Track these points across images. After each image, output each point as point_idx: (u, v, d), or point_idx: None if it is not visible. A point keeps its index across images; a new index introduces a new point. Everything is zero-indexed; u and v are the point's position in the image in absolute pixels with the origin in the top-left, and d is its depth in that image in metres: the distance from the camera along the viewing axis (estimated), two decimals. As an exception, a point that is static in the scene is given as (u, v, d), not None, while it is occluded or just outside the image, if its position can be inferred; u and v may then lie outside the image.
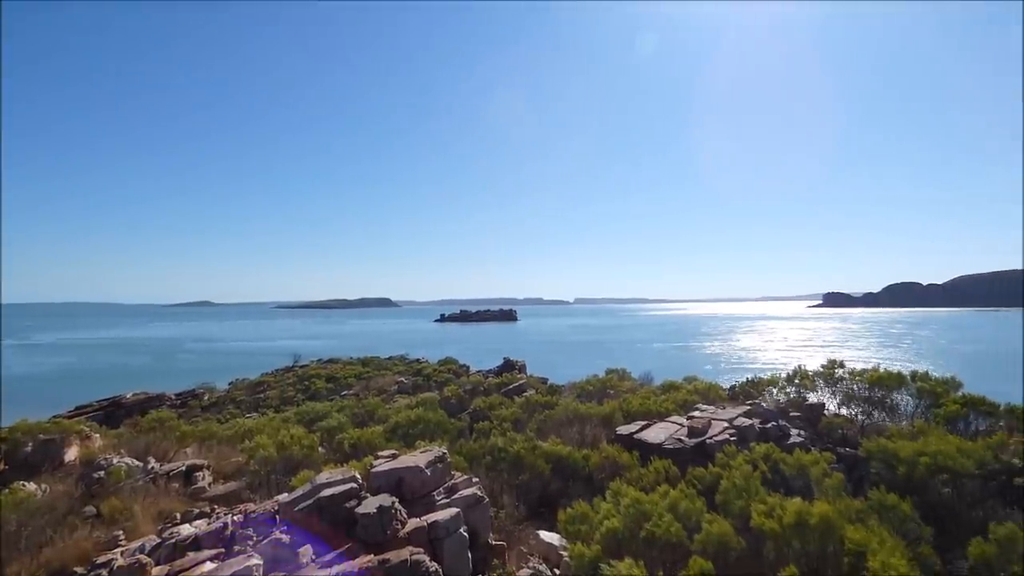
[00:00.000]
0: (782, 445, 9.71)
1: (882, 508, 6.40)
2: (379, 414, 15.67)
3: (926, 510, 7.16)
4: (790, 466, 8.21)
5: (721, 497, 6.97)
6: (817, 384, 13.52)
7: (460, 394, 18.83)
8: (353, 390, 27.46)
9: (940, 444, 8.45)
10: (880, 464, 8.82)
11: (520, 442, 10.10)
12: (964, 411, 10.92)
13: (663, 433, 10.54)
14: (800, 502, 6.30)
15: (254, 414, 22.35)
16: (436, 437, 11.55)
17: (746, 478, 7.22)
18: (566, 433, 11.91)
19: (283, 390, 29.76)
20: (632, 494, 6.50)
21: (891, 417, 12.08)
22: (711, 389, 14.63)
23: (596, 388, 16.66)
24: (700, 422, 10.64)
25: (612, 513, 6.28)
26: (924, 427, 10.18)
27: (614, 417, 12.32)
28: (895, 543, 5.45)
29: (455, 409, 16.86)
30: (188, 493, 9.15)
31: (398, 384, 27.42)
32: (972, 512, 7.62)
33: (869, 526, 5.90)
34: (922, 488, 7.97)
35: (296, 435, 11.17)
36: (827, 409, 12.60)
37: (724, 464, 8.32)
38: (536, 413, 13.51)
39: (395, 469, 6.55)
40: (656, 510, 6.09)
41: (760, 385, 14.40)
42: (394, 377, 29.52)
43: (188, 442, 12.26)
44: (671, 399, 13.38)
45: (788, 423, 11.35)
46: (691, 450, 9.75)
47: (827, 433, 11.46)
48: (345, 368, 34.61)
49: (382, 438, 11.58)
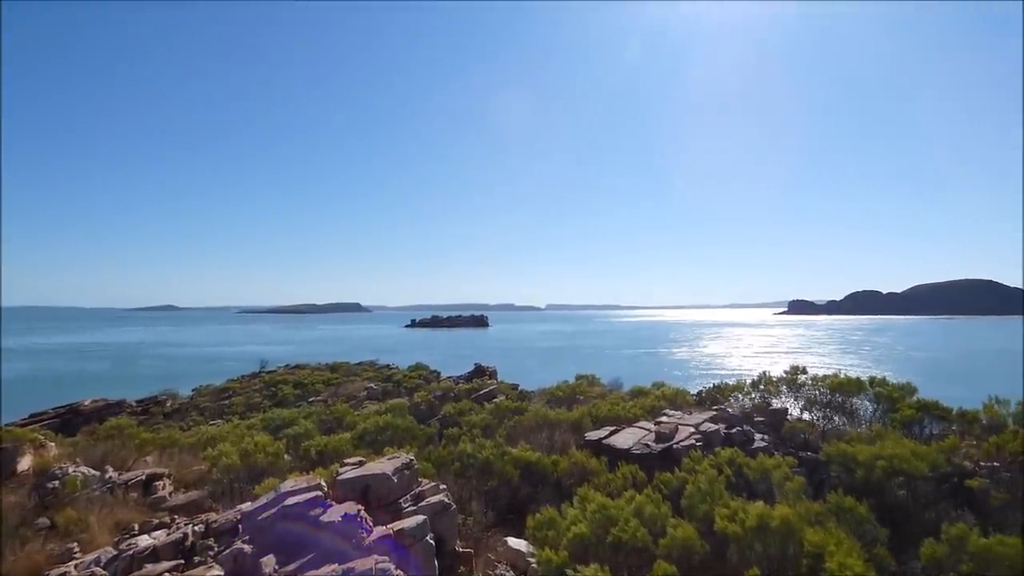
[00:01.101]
0: (746, 450, 9.90)
1: (840, 510, 6.57)
2: (347, 421, 15.47)
3: (882, 512, 7.38)
4: (754, 470, 8.38)
5: (686, 501, 7.08)
6: (781, 390, 13.84)
7: (430, 400, 18.71)
8: (321, 396, 27.05)
9: (896, 448, 8.72)
10: (839, 468, 9.05)
11: (489, 448, 10.08)
12: (919, 415, 11.30)
13: (631, 438, 10.64)
14: (762, 505, 6.43)
15: (218, 421, 21.82)
16: (405, 444, 11.45)
17: (711, 482, 7.35)
18: (535, 439, 11.93)
19: (249, 396, 29.14)
20: (599, 499, 6.55)
21: (850, 422, 12.42)
22: (678, 395, 14.84)
23: (566, 394, 16.73)
24: (667, 427, 10.77)
25: (579, 519, 6.32)
26: (881, 431, 10.50)
27: (583, 423, 12.39)
28: (852, 544, 5.61)
29: (425, 415, 16.74)
30: (147, 503, 8.89)
31: (367, 390, 27.10)
32: (926, 513, 7.86)
33: (828, 528, 6.05)
34: (879, 491, 8.20)
35: (261, 442, 10.96)
36: (790, 414, 12.88)
37: (690, 469, 8.45)
38: (506, 419, 13.51)
39: (362, 476, 6.48)
40: (622, 515, 6.15)
41: (726, 391, 14.65)
42: (363, 383, 29.17)
43: (148, 450, 11.92)
44: (639, 405, 13.51)
45: (752, 428, 11.57)
46: (658, 455, 9.87)
47: (790, 438, 11.71)
48: (313, 374, 34.06)
49: (350, 445, 11.44)
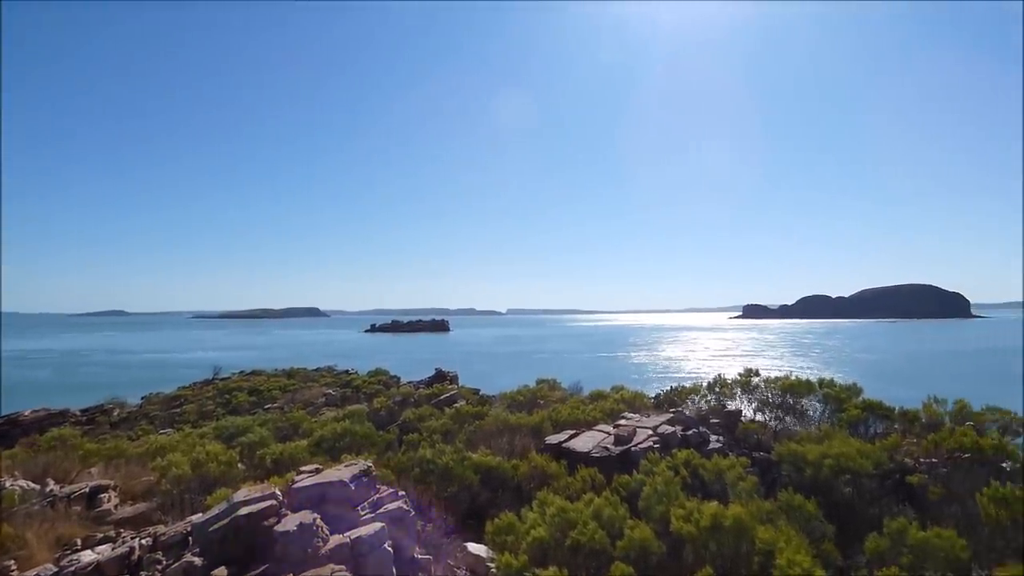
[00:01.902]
0: (702, 451, 10.14)
1: (790, 508, 6.80)
2: (304, 427, 15.17)
3: (830, 509, 7.67)
4: (709, 471, 8.59)
5: (643, 503, 7.20)
6: (735, 392, 14.22)
7: (390, 406, 18.51)
8: (277, 403, 26.44)
9: (843, 447, 9.07)
10: (790, 467, 9.36)
11: (449, 454, 10.04)
12: (864, 415, 11.79)
13: (590, 442, 10.75)
14: (716, 505, 6.60)
15: (169, 430, 21.09)
16: (363, 450, 11.30)
17: (667, 484, 7.49)
18: (496, 443, 11.93)
19: (202, 404, 28.26)
20: (558, 503, 6.60)
21: (801, 422, 12.84)
22: (637, 398, 15.07)
23: (527, 398, 16.79)
24: (626, 430, 10.93)
25: (538, 522, 6.36)
26: (829, 431, 10.91)
27: (543, 427, 12.46)
28: (801, 541, 5.81)
29: (384, 421, 16.55)
30: (91, 517, 8.51)
31: (325, 396, 26.61)
32: (870, 509, 8.20)
33: (778, 526, 6.25)
34: (827, 488, 8.52)
35: (213, 451, 10.63)
36: (744, 415, 13.24)
37: (648, 471, 8.59)
38: (466, 424, 13.47)
39: (318, 484, 6.36)
40: (581, 518, 6.21)
41: (683, 393, 14.96)
42: (321, 389, 28.63)
43: (93, 462, 11.41)
44: (599, 408, 13.67)
45: (708, 430, 11.84)
46: (617, 458, 10.00)
47: (744, 438, 12.03)
48: (269, 380, 33.27)
49: (306, 452, 11.22)
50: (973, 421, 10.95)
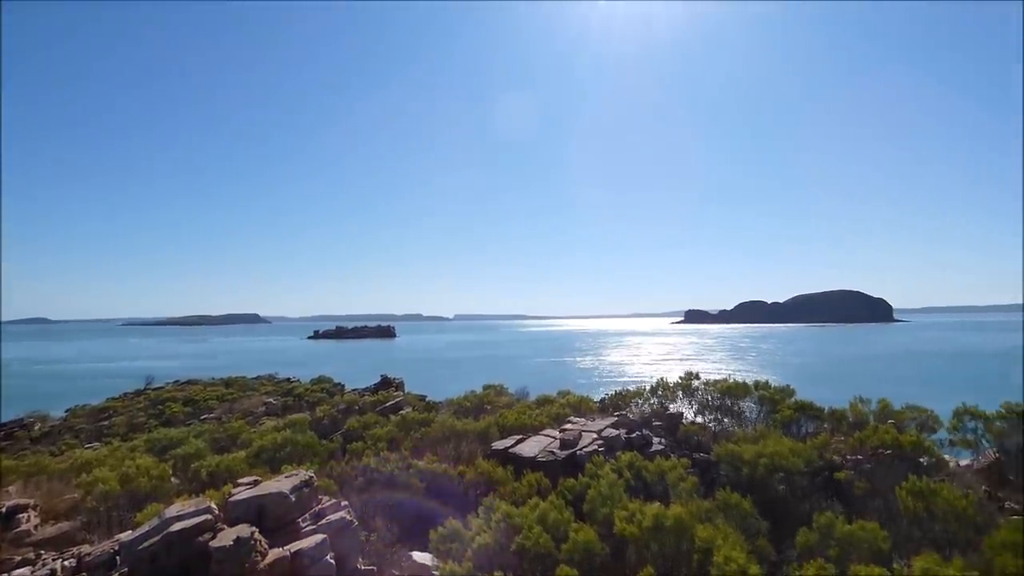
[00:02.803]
0: (645, 453, 10.38)
1: (727, 507, 7.05)
2: (243, 438, 14.63)
3: (764, 506, 8.00)
4: (651, 473, 8.80)
5: (588, 506, 7.31)
6: (677, 395, 14.65)
7: (333, 414, 18.09)
8: (215, 413, 25.41)
9: (776, 446, 9.49)
10: (728, 466, 9.71)
11: (394, 462, 9.91)
12: (796, 416, 12.36)
13: (537, 446, 10.83)
14: (658, 506, 6.77)
15: (96, 444, 19.95)
16: (305, 460, 11.01)
17: (611, 486, 7.63)
18: (442, 450, 11.85)
19: (132, 416, 26.84)
20: (504, 508, 6.63)
21: (738, 423, 13.34)
22: (583, 402, 15.28)
23: (474, 404, 16.74)
24: (571, 434, 11.06)
25: (484, 528, 6.36)
26: (764, 431, 11.38)
27: (490, 432, 12.46)
28: (737, 538, 6.03)
29: (328, 430, 16.16)
30: (9, 538, 7.96)
31: (266, 405, 25.76)
32: (801, 505, 8.58)
33: (716, 524, 6.48)
34: (762, 486, 8.88)
35: (144, 465, 10.15)
36: (685, 418, 13.63)
37: (592, 474, 8.72)
38: (412, 431, 13.32)
39: (256, 496, 6.16)
40: (526, 523, 6.25)
41: (627, 397, 15.28)
42: (261, 398, 27.72)
43: (11, 480, 10.68)
44: (545, 412, 13.78)
45: (651, 432, 12.13)
46: (562, 462, 10.11)
47: (685, 440, 12.38)
48: (206, 390, 31.97)
49: (245, 464, 10.84)
50: (894, 419, 11.65)
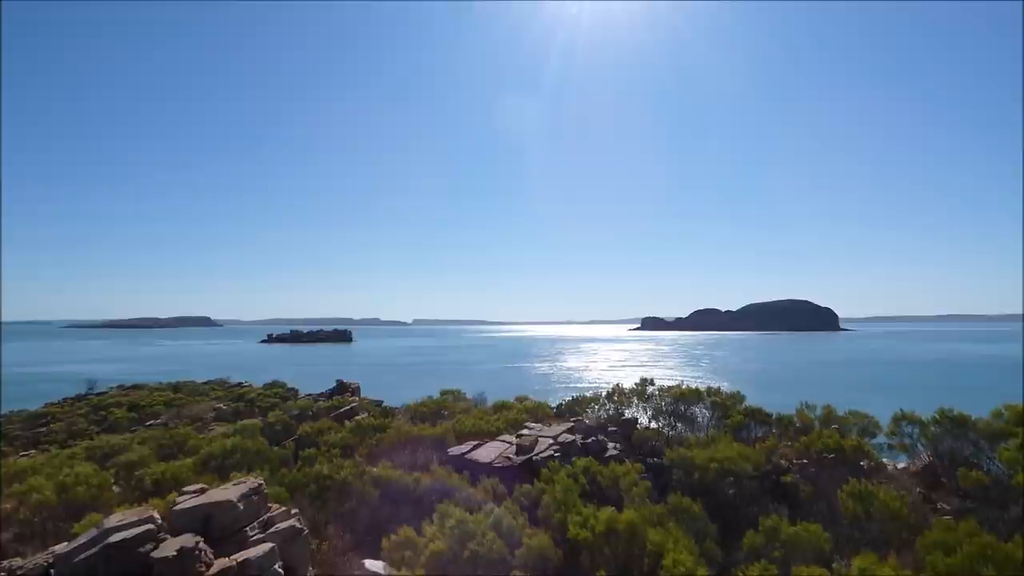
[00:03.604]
0: (600, 458, 10.51)
1: (678, 511, 7.20)
2: (190, 445, 14.13)
3: (714, 509, 8.20)
4: (606, 477, 8.92)
5: (543, 511, 7.36)
6: (632, 400, 14.88)
7: (286, 420, 17.66)
8: (161, 419, 24.45)
9: (727, 451, 9.74)
10: (680, 471, 9.91)
11: (348, 468, 9.75)
12: (746, 421, 12.73)
13: (493, 452, 10.84)
14: (612, 511, 6.86)
15: (32, 451, 18.93)
16: (255, 467, 10.70)
17: (566, 491, 7.70)
18: (398, 456, 11.71)
19: (72, 422, 25.57)
20: (458, 515, 6.60)
21: (690, 428, 13.64)
22: (539, 408, 15.35)
23: (430, 409, 16.62)
24: (528, 440, 11.11)
25: (437, 535, 6.32)
26: (716, 436, 11.68)
27: (447, 438, 12.38)
28: (687, 541, 6.16)
29: (280, 436, 15.77)
30: (-71, 553, 7.50)
31: (215, 411, 24.96)
32: (749, 508, 8.83)
33: (667, 528, 6.60)
34: (712, 490, 9.10)
35: (83, 473, 9.69)
36: (639, 423, 13.85)
37: (548, 479, 8.78)
38: (367, 437, 13.13)
39: (202, 505, 5.96)
40: (480, 529, 6.24)
41: (583, 403, 15.43)
42: (211, 403, 26.83)
43: (-67, 490, 10.05)
44: (502, 418, 13.79)
45: (606, 437, 12.28)
46: (519, 467, 10.14)
47: (639, 445, 12.57)
48: (152, 395, 30.75)
49: (192, 471, 10.47)
50: (838, 424, 12.12)
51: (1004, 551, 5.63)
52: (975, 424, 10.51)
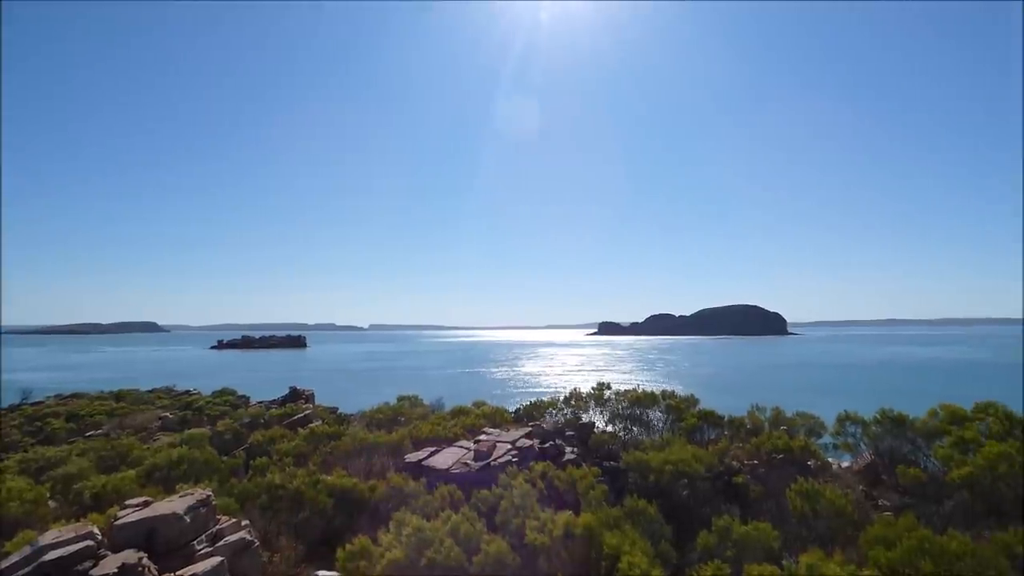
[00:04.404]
0: (558, 463, 10.56)
1: (634, 513, 7.28)
2: (134, 456, 13.53)
3: (670, 511, 8.33)
4: (563, 482, 8.95)
5: (501, 517, 7.33)
6: (589, 405, 15.01)
7: (236, 428, 17.13)
8: (102, 429, 23.31)
9: (681, 453, 9.92)
10: (636, 474, 10.04)
11: (301, 477, 9.51)
12: (700, 423, 13.01)
13: (451, 458, 10.75)
14: (569, 515, 6.90)
15: (-45, 466, 17.78)
16: (203, 478, 10.34)
17: (524, 496, 7.69)
18: (353, 464, 11.51)
19: (5, 434, 24.15)
20: (415, 522, 6.51)
21: (646, 431, 13.84)
22: (497, 413, 15.33)
23: (387, 416, 16.40)
24: (486, 445, 11.07)
25: (394, 544, 6.22)
26: (670, 439, 11.90)
27: (403, 445, 12.24)
28: (643, 544, 6.24)
29: (230, 445, 15.29)
30: None
31: (161, 420, 23.98)
32: (703, 509, 9.00)
33: (624, 531, 6.67)
34: (667, 492, 9.25)
35: (16, 488, 9.16)
36: (597, 427, 13.98)
37: (506, 484, 8.75)
38: (321, 445, 12.85)
39: (146, 519, 5.71)
40: (438, 536, 6.17)
41: (541, 407, 15.48)
42: (156, 412, 25.76)
43: None
44: (460, 424, 13.72)
45: (564, 442, 12.34)
46: (476, 473, 10.08)
47: (596, 449, 12.69)
48: (92, 404, 29.29)
49: (135, 484, 10.03)
50: (786, 426, 12.52)
51: (939, 544, 5.91)
52: (913, 423, 11.05)
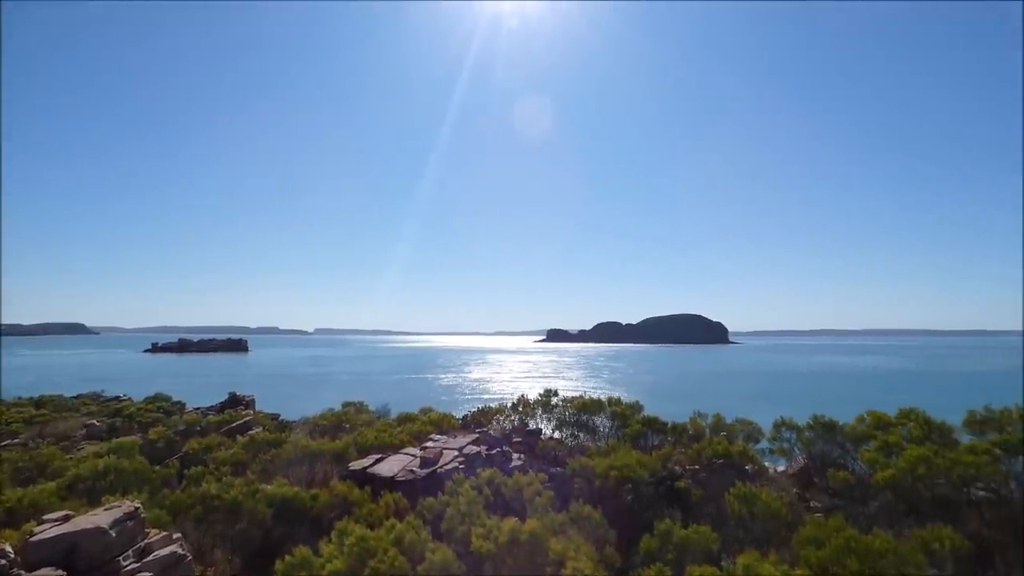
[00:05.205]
0: (505, 469, 10.54)
1: (579, 518, 7.36)
2: (54, 467, 12.72)
3: (614, 515, 8.44)
4: (510, 488, 8.94)
5: (446, 524, 7.26)
6: (536, 411, 15.11)
7: (170, 436, 16.38)
8: (20, 438, 21.85)
9: (626, 458, 10.10)
10: (582, 479, 10.16)
11: (239, 486, 9.16)
12: (644, 430, 13.28)
13: (396, 465, 10.60)
14: (515, 521, 6.89)
15: None
16: (132, 489, 9.82)
17: (470, 503, 7.65)
18: (295, 472, 11.20)
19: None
20: (358, 532, 6.37)
21: (592, 438, 14.04)
22: (445, 419, 15.23)
23: (331, 423, 16.04)
24: (432, 452, 10.96)
25: (336, 554, 6.07)
26: (615, 445, 12.11)
27: (348, 452, 11.99)
28: (587, 549, 6.30)
29: (162, 454, 14.61)
30: None
31: (86, 428, 22.66)
32: (646, 513, 9.18)
33: (569, 536, 6.71)
34: (612, 497, 9.40)
35: (-82, 503, 8.48)
36: (544, 433, 14.08)
37: (452, 492, 8.68)
38: (261, 453, 12.45)
39: (66, 534, 5.37)
40: (381, 545, 6.06)
41: (489, 414, 15.48)
42: (82, 420, 24.35)
43: None
44: (406, 430, 13.55)
45: (511, 448, 12.36)
46: (422, 481, 9.97)
47: (543, 455, 12.76)
48: (9, 411, 27.41)
49: (55, 497, 9.41)
50: (727, 431, 12.94)
51: (865, 543, 6.24)
52: (842, 429, 11.63)
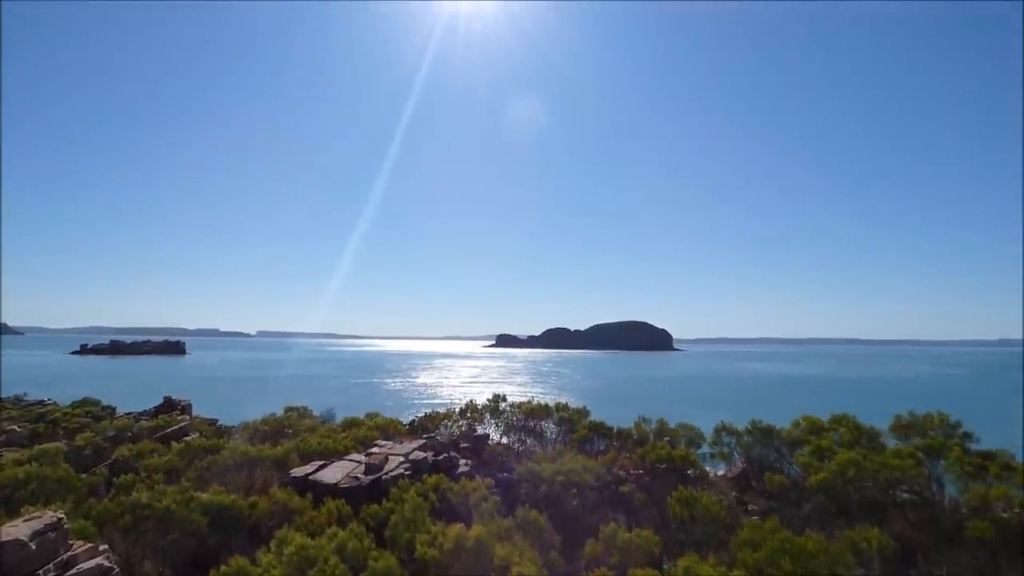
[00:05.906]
0: (451, 475, 10.49)
1: (525, 524, 7.40)
2: (-33, 475, 11.89)
3: (559, 520, 8.52)
4: (456, 494, 8.90)
5: (391, 531, 7.17)
6: (484, 416, 15.10)
7: (98, 442, 15.53)
8: (-73, 445, 20.31)
9: (572, 463, 10.22)
10: (529, 485, 10.20)
11: (172, 495, 8.77)
12: (590, 435, 13.47)
13: (340, 472, 10.37)
14: (460, 528, 6.86)
15: None
16: (56, 498, 9.26)
17: (415, 510, 7.58)
18: (233, 479, 10.80)
19: None
20: (298, 540, 6.21)
21: (539, 443, 14.13)
22: (391, 424, 15.02)
23: (273, 428, 15.56)
24: (377, 458, 10.79)
25: (274, 563, 5.89)
26: (562, 450, 12.22)
27: (289, 459, 11.65)
28: (532, 554, 6.33)
29: (90, 461, 13.84)
30: None
31: (6, 434, 21.24)
32: (591, 517, 9.30)
33: (514, 542, 6.73)
34: (558, 502, 9.47)
35: None
36: (492, 439, 14.08)
37: (398, 498, 8.57)
38: (197, 459, 11.94)
39: (-20, 547, 5.04)
40: (323, 554, 5.92)
41: (436, 419, 15.36)
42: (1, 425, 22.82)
43: None
44: (351, 436, 13.29)
45: (459, 454, 12.31)
46: (367, 487, 9.79)
47: (490, 461, 12.76)
48: (-84, 416, 25.44)
49: (-33, 508, 8.80)
50: (670, 436, 13.26)
51: (798, 544, 6.52)
52: (779, 433, 12.11)
